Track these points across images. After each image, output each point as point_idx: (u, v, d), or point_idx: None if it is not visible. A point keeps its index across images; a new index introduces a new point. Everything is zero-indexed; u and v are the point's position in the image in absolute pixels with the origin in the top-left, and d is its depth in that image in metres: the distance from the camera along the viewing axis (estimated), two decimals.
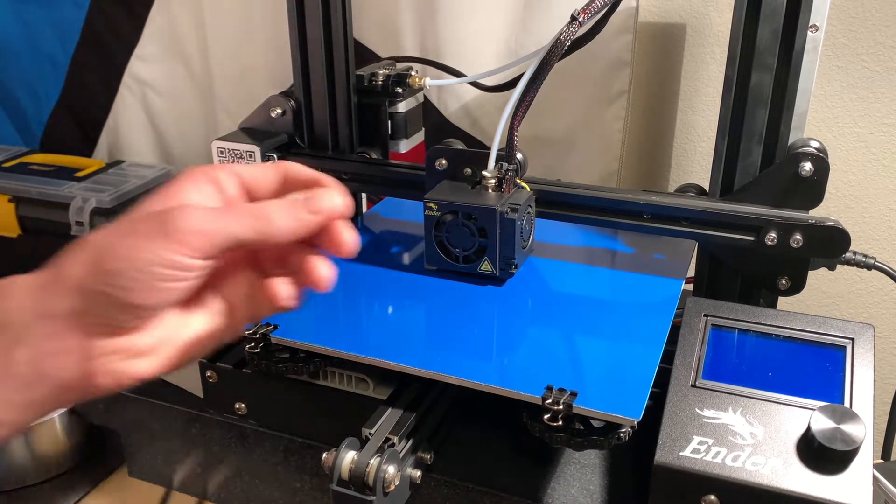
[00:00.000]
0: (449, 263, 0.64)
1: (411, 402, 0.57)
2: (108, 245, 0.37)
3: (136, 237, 0.36)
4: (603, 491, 0.57)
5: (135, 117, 1.17)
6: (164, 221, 0.37)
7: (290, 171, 0.42)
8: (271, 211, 0.39)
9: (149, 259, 0.36)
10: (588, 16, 0.58)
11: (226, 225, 0.37)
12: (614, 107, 0.91)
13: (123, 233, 0.37)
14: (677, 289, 0.64)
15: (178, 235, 0.36)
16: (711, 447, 0.49)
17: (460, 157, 0.67)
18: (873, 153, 0.87)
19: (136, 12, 1.10)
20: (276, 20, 0.99)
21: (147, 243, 0.36)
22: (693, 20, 0.89)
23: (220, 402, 0.64)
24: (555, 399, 0.49)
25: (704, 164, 0.94)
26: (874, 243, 0.90)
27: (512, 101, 0.61)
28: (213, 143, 0.75)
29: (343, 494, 0.49)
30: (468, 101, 0.97)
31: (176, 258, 0.36)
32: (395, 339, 0.58)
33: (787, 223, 0.61)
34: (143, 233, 0.36)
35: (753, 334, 0.57)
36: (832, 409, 0.48)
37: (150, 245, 0.36)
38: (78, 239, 0.38)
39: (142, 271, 0.36)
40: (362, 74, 0.77)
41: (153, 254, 0.36)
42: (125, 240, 0.36)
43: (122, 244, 0.36)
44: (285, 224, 0.39)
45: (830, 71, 0.85)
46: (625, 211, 0.66)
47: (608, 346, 0.57)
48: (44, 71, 1.20)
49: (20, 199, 1.04)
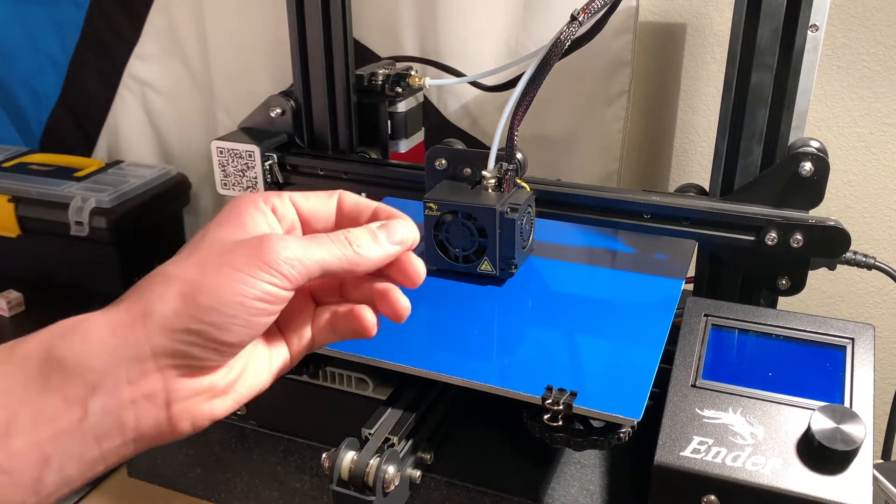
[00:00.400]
0: (449, 263, 0.64)
1: (411, 403, 0.57)
2: (200, 280, 0.34)
3: (232, 270, 0.35)
4: (603, 491, 0.57)
5: (134, 117, 1.18)
6: (258, 252, 0.35)
7: (346, 201, 0.41)
8: (358, 240, 0.38)
9: (247, 292, 0.34)
10: (588, 15, 0.58)
11: (316, 254, 0.37)
12: (614, 106, 0.91)
13: (214, 265, 0.35)
14: (677, 289, 0.64)
15: (275, 265, 0.35)
16: (711, 447, 0.49)
17: (460, 156, 0.67)
18: (873, 153, 0.87)
19: (136, 12, 1.10)
20: (276, 20, 0.99)
21: (244, 276, 0.34)
22: (693, 20, 0.89)
23: None
24: (555, 399, 0.49)
25: (704, 164, 0.94)
26: (874, 243, 0.90)
27: (512, 100, 0.61)
28: (213, 142, 0.75)
29: (343, 495, 0.49)
30: (468, 100, 0.97)
31: (271, 289, 0.35)
32: (395, 339, 0.58)
33: (787, 223, 0.61)
34: (238, 265, 0.35)
35: (753, 334, 0.57)
36: (832, 409, 0.48)
37: (247, 277, 0.34)
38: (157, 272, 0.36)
39: (240, 306, 0.34)
40: (362, 74, 0.77)
41: (251, 286, 0.35)
42: (220, 273, 0.35)
43: (218, 278, 0.34)
44: (372, 254, 0.38)
45: (830, 71, 0.85)
46: (625, 211, 0.66)
47: (608, 346, 0.57)
48: (44, 71, 1.20)
49: (20, 199, 1.04)
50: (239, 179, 0.75)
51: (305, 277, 0.36)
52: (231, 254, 0.35)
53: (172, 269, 0.36)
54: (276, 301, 0.36)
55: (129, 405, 0.34)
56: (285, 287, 0.36)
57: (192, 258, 0.36)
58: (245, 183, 0.75)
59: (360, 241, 0.38)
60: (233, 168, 0.75)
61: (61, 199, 1.02)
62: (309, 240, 0.37)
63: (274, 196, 0.40)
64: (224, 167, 0.75)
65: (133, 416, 0.34)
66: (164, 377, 0.35)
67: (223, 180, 0.76)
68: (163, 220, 1.12)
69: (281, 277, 0.35)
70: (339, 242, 0.38)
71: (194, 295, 0.34)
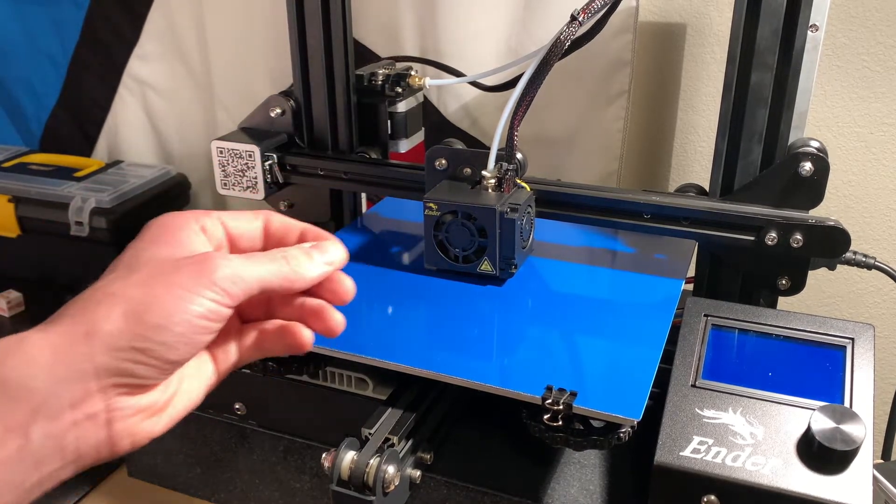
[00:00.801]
0: (449, 263, 0.64)
1: (411, 403, 0.57)
2: (146, 298, 0.35)
3: (179, 289, 0.35)
4: (603, 491, 0.57)
5: (134, 117, 1.17)
6: (202, 269, 0.36)
7: (273, 221, 0.42)
8: (295, 259, 0.39)
9: (193, 311, 0.35)
10: (588, 15, 0.58)
11: (256, 271, 0.37)
12: (614, 106, 0.91)
13: (161, 284, 0.35)
14: (677, 289, 0.64)
15: (220, 283, 0.36)
16: (711, 447, 0.49)
17: (460, 156, 0.67)
18: (873, 153, 0.87)
19: (136, 12, 1.10)
20: (276, 20, 0.99)
21: (191, 295, 0.35)
22: (693, 20, 0.89)
23: (220, 402, 0.64)
24: (555, 399, 0.49)
25: (704, 164, 0.94)
26: (874, 243, 0.90)
27: (512, 100, 0.61)
28: (213, 142, 0.75)
29: (343, 494, 0.49)
30: (468, 100, 0.97)
31: (215, 307, 0.36)
32: (395, 339, 0.58)
33: (787, 223, 0.61)
34: (184, 284, 0.35)
35: (753, 334, 0.57)
36: (832, 409, 0.48)
37: (194, 296, 0.35)
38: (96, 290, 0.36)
39: (187, 323, 0.35)
40: (362, 74, 0.77)
41: (197, 304, 0.35)
42: (168, 293, 0.35)
43: (167, 297, 0.35)
44: (309, 272, 0.40)
45: (830, 71, 0.85)
46: (625, 211, 0.66)
47: (608, 346, 0.57)
48: (43, 71, 1.20)
49: (20, 199, 1.04)
50: (239, 179, 0.75)
51: (246, 294, 0.37)
52: (177, 272, 0.36)
53: (113, 288, 0.35)
54: (218, 319, 0.36)
55: (71, 427, 0.34)
56: (227, 305, 0.36)
57: (132, 277, 0.36)
58: (245, 183, 0.75)
59: (298, 260, 0.39)
60: (233, 168, 0.75)
61: (61, 199, 1.02)
62: (248, 258, 0.38)
63: (203, 215, 0.40)
64: (224, 167, 0.75)
65: (74, 438, 0.34)
66: (105, 397, 0.34)
67: (223, 180, 0.76)
68: None
69: (224, 295, 0.36)
70: (277, 261, 0.39)
71: (141, 313, 0.34)
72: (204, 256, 0.37)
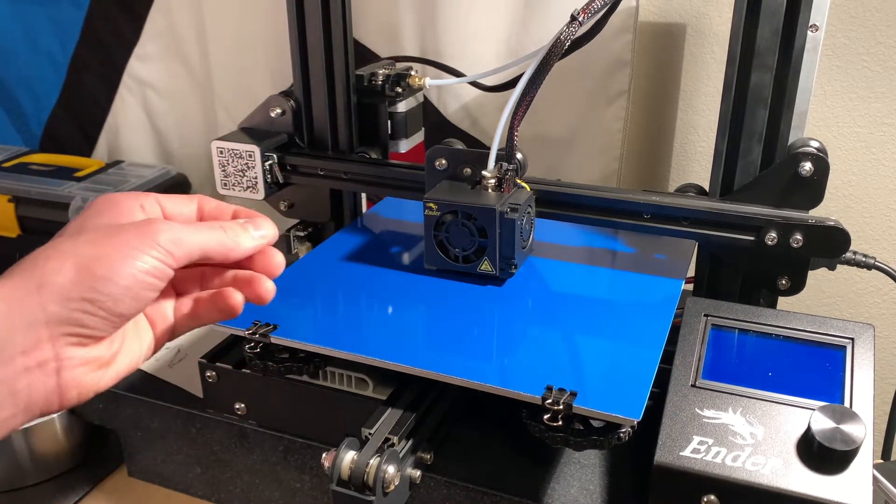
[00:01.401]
0: (449, 263, 0.64)
1: (411, 403, 0.57)
2: (95, 253, 0.37)
3: (125, 246, 0.38)
4: (603, 491, 0.57)
5: (134, 117, 1.18)
6: (148, 231, 0.39)
7: (206, 205, 0.46)
8: (233, 230, 0.43)
9: (138, 266, 0.38)
10: (588, 15, 0.58)
11: (197, 237, 0.41)
12: (614, 106, 0.91)
13: (109, 242, 0.38)
14: (677, 289, 0.64)
15: (164, 244, 0.39)
16: (711, 447, 0.49)
17: (460, 156, 0.67)
18: (873, 153, 0.87)
19: (136, 12, 1.10)
20: (276, 20, 0.99)
21: (137, 252, 0.38)
22: (693, 20, 0.89)
23: (220, 402, 0.64)
24: (555, 399, 0.49)
25: (704, 164, 0.94)
26: (874, 243, 0.90)
27: (512, 100, 0.61)
28: (213, 143, 0.75)
29: (343, 494, 0.49)
30: (468, 101, 0.97)
31: (159, 266, 0.39)
32: (395, 339, 0.58)
33: (787, 223, 0.61)
34: (130, 242, 0.38)
35: (753, 334, 0.57)
36: (832, 409, 0.48)
37: (139, 253, 0.38)
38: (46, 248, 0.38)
39: (132, 278, 0.38)
40: (362, 74, 0.77)
41: (143, 261, 0.38)
42: (115, 249, 0.38)
43: (114, 253, 0.38)
44: (246, 243, 0.43)
45: (830, 71, 0.85)
46: (625, 211, 0.66)
47: (608, 346, 0.57)
48: (43, 71, 1.20)
49: (20, 199, 1.04)
50: (239, 179, 0.75)
51: (187, 258, 0.41)
52: (123, 232, 0.39)
53: (63, 247, 0.38)
54: (162, 277, 0.40)
55: (22, 374, 0.36)
56: (170, 265, 0.40)
57: (81, 237, 0.39)
58: (245, 183, 0.75)
59: (235, 230, 0.43)
60: (233, 168, 0.75)
61: (61, 199, 1.02)
62: (189, 226, 0.42)
63: (143, 196, 0.44)
64: (224, 167, 0.75)
65: (25, 385, 0.36)
66: (55, 346, 0.37)
67: (223, 180, 0.76)
68: None
69: (167, 255, 0.39)
70: (216, 230, 0.42)
71: (90, 266, 0.37)
72: (149, 221, 0.40)
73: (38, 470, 0.75)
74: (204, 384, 0.63)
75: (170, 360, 0.74)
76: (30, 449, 0.74)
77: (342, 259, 0.70)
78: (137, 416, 0.71)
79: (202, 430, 0.68)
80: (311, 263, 0.69)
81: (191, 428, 0.68)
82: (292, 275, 0.67)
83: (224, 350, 0.65)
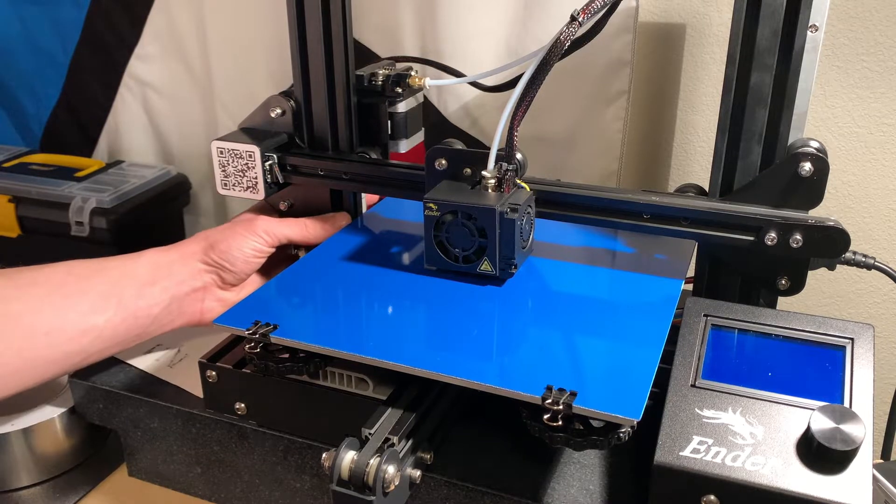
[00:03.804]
0: (449, 263, 0.65)
1: (411, 402, 0.57)
2: (218, 236, 0.69)
3: (236, 233, 0.70)
4: (603, 491, 0.57)
5: (135, 117, 1.18)
6: (251, 225, 0.71)
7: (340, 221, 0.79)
8: (309, 224, 0.74)
9: (243, 245, 0.69)
10: (588, 16, 0.58)
11: (286, 227, 0.73)
12: (614, 107, 0.91)
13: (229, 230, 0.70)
14: (677, 289, 0.64)
15: (262, 231, 0.71)
16: (711, 447, 0.49)
17: (460, 157, 0.67)
18: (873, 153, 0.87)
19: (136, 12, 1.10)
20: (276, 20, 0.99)
21: (243, 237, 0.70)
22: (693, 20, 0.89)
23: (220, 402, 0.64)
24: (554, 399, 0.49)
25: (704, 164, 0.94)
26: (874, 243, 0.90)
27: (512, 101, 0.61)
28: (213, 142, 0.75)
29: (343, 494, 0.49)
30: (468, 101, 0.97)
31: (258, 245, 0.70)
32: (395, 339, 0.58)
33: (786, 223, 0.61)
34: (240, 232, 0.70)
35: (753, 334, 0.58)
36: (832, 409, 0.48)
37: (246, 236, 0.70)
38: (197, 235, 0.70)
39: (238, 251, 0.69)
40: (362, 74, 0.77)
41: (246, 242, 0.70)
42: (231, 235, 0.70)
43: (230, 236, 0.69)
44: (318, 233, 0.75)
45: (830, 71, 0.85)
46: (625, 211, 0.66)
47: (608, 346, 0.57)
48: (44, 71, 1.20)
49: (20, 199, 1.04)
50: (239, 179, 0.75)
51: (279, 241, 0.72)
52: (237, 224, 0.72)
53: (205, 233, 0.71)
54: (261, 254, 0.71)
55: (189, 294, 0.69)
56: (266, 244, 0.71)
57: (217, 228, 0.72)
58: (245, 183, 0.75)
59: (311, 225, 0.75)
60: (233, 168, 0.75)
61: (61, 199, 1.02)
62: (281, 220, 0.73)
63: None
64: (224, 167, 0.76)
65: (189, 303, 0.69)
66: (204, 282, 0.69)
67: (223, 180, 0.76)
68: (163, 220, 1.13)
69: (261, 240, 0.71)
70: (300, 224, 0.74)
71: (215, 244, 0.69)
72: (254, 217, 0.73)
73: (38, 470, 0.75)
74: (204, 384, 0.63)
75: (170, 360, 0.74)
76: (30, 449, 0.74)
77: (342, 259, 0.70)
78: (137, 416, 0.71)
79: (202, 430, 0.68)
80: (311, 263, 0.69)
81: (191, 428, 0.68)
82: (292, 275, 0.67)
83: (224, 350, 0.65)
